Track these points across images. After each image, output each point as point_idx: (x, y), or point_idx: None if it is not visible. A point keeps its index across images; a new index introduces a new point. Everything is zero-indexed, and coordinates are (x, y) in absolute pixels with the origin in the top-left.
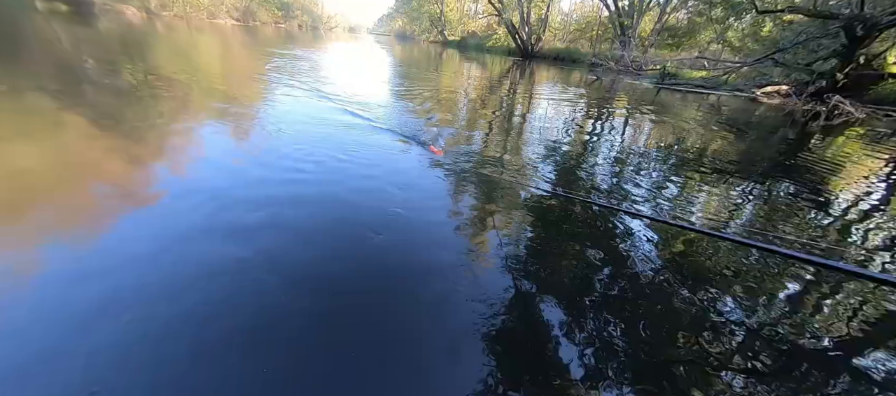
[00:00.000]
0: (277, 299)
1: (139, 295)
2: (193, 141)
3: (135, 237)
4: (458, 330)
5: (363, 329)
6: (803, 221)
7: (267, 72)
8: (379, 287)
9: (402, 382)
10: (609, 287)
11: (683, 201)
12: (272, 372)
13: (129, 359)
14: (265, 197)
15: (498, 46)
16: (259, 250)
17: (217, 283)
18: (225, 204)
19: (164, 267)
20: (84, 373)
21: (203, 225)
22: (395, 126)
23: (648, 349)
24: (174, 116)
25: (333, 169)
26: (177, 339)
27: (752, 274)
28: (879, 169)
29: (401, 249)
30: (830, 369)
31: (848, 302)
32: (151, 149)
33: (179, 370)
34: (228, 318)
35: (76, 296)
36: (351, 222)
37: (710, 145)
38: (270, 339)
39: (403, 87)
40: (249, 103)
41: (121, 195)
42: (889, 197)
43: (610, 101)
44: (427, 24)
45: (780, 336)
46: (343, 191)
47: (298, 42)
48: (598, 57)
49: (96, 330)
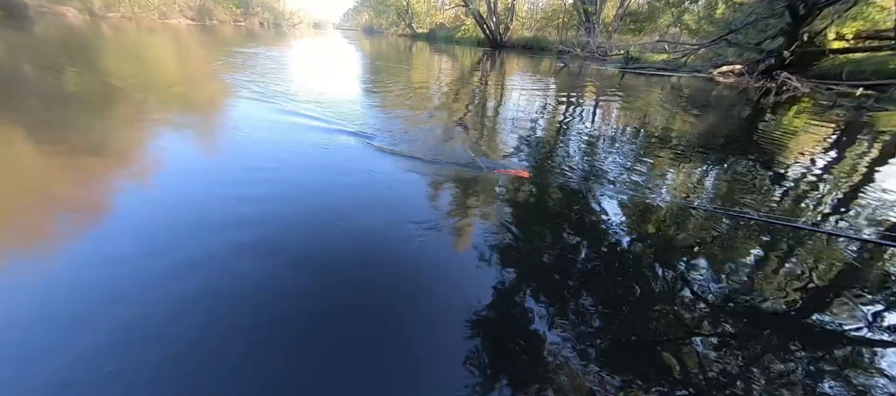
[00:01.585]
0: (259, 309)
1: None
2: (144, 155)
3: (93, 260)
4: (446, 320)
5: (353, 326)
6: (762, 188)
7: (228, 74)
8: (365, 285)
9: (393, 375)
10: (588, 267)
11: (653, 178)
12: (261, 374)
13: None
14: (234, 212)
15: (467, 37)
16: (230, 270)
17: (184, 309)
18: (190, 220)
19: (132, 295)
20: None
21: (161, 247)
22: (375, 130)
23: (628, 324)
24: (124, 128)
25: (303, 175)
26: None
27: (718, 243)
28: (824, 138)
29: (385, 250)
30: (794, 324)
31: (805, 258)
32: (99, 164)
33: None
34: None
35: (10, 337)
36: (328, 228)
37: (675, 125)
38: (258, 342)
39: (374, 84)
40: (209, 110)
41: (72, 215)
42: (834, 162)
43: (579, 88)
44: (394, 17)
45: (747, 298)
46: (316, 198)
47: (261, 40)
48: (565, 44)
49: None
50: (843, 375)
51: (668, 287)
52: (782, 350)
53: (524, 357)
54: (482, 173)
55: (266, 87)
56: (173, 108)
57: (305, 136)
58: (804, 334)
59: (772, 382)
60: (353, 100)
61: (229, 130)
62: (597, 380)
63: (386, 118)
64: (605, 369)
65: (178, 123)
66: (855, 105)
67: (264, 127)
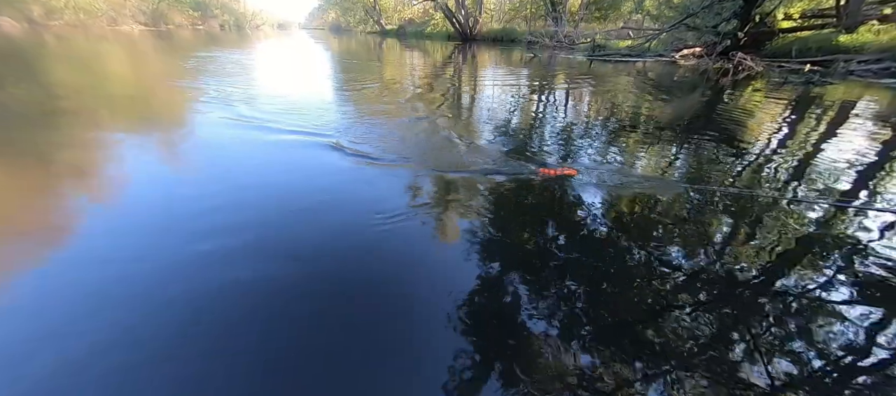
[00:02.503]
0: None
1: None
2: (99, 173)
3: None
4: (434, 317)
5: (342, 330)
6: (726, 163)
7: (188, 81)
8: (350, 289)
9: (383, 372)
10: (568, 251)
11: (625, 161)
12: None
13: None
14: (203, 226)
15: (437, 32)
16: (204, 284)
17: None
18: (157, 242)
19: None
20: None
21: (125, 270)
22: (348, 133)
23: (608, 303)
24: (75, 145)
25: (280, 185)
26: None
27: (688, 218)
28: (779, 113)
29: (369, 253)
30: (760, 288)
31: (768, 225)
32: (49, 184)
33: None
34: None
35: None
36: (308, 236)
37: (643, 108)
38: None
39: (346, 84)
40: (168, 122)
41: (17, 241)
42: (790, 135)
43: (550, 77)
44: (362, 15)
45: (717, 268)
46: (293, 207)
47: (222, 44)
48: (534, 35)
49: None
50: (807, 330)
51: (645, 264)
52: (750, 314)
53: (511, 342)
54: (451, 174)
55: (230, 93)
56: (129, 122)
57: (274, 144)
58: (770, 296)
59: (743, 344)
60: (324, 101)
61: (192, 143)
62: (581, 358)
63: (360, 120)
64: (589, 347)
65: (135, 138)
66: (803, 80)
67: (230, 137)
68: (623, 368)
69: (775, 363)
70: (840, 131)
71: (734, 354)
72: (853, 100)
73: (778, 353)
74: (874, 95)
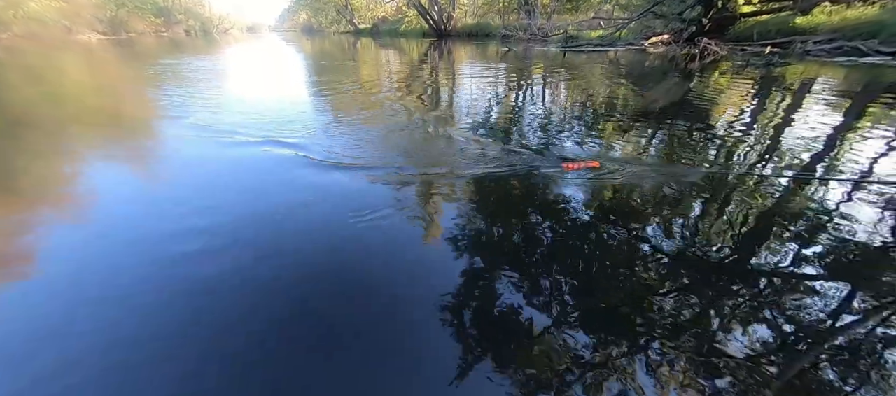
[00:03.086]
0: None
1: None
2: (63, 193)
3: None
4: (426, 313)
5: (337, 332)
6: (698, 145)
7: (153, 90)
8: (341, 292)
9: (381, 371)
10: (553, 243)
11: (603, 148)
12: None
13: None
14: (179, 245)
15: (411, 30)
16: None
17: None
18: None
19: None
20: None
21: (96, 294)
22: (326, 140)
23: (595, 289)
24: (36, 163)
25: (251, 197)
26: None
27: (666, 200)
28: (744, 94)
29: (357, 255)
30: (736, 263)
31: (741, 202)
32: (10, 206)
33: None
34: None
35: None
36: (294, 240)
37: (617, 96)
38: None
39: (322, 87)
40: (134, 136)
41: None
42: (756, 114)
43: (527, 70)
44: (334, 15)
45: (695, 247)
46: (269, 223)
47: (188, 50)
48: (508, 28)
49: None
50: (779, 300)
51: (628, 249)
52: (728, 288)
53: (503, 333)
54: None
55: (199, 101)
56: (89, 135)
57: (249, 152)
58: (745, 270)
59: (721, 317)
60: (301, 106)
61: (160, 156)
62: (572, 343)
63: (339, 123)
64: (579, 333)
65: (97, 152)
66: (764, 62)
67: (201, 148)
68: (612, 349)
69: (751, 333)
70: (802, 108)
71: (714, 327)
72: (812, 79)
73: (754, 323)
74: (829, 73)
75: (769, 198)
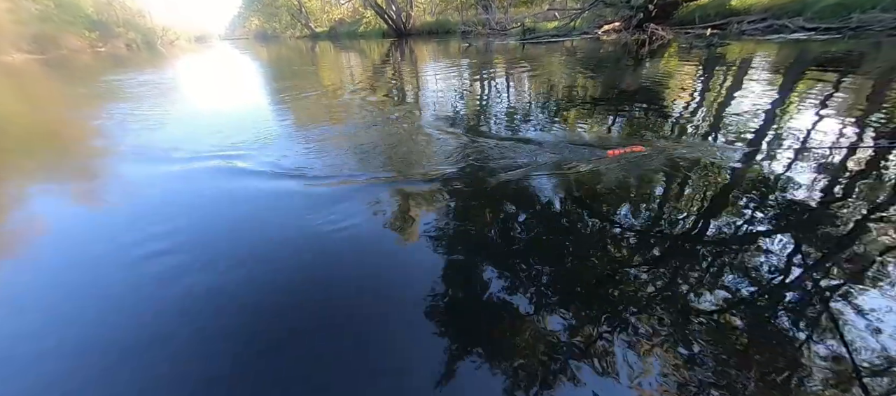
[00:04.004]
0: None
1: None
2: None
3: None
4: (403, 319)
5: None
6: (655, 124)
7: (92, 112)
8: (313, 303)
9: (362, 374)
10: (528, 232)
11: (568, 136)
12: None
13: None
14: (139, 275)
15: (371, 31)
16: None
17: None
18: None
19: None
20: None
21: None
22: (288, 152)
23: (571, 273)
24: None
25: (215, 216)
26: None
27: (631, 181)
28: (692, 74)
29: (324, 269)
30: (698, 234)
31: (699, 176)
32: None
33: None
34: None
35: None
36: (266, 259)
37: (577, 84)
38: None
39: (282, 95)
40: (77, 165)
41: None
42: (704, 92)
43: (488, 64)
44: (288, 19)
45: (661, 223)
46: (233, 239)
47: (130, 65)
48: (468, 24)
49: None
50: (739, 261)
51: (598, 229)
52: (692, 256)
53: (487, 327)
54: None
55: (146, 120)
56: (21, 167)
57: (203, 171)
58: (706, 238)
59: (689, 284)
60: (260, 117)
61: (105, 181)
62: (552, 326)
63: (302, 133)
64: (559, 315)
65: (32, 185)
66: (706, 44)
67: (153, 169)
68: (590, 327)
69: (716, 293)
70: (744, 85)
71: (683, 292)
72: (749, 56)
73: (718, 285)
74: (764, 50)
75: (722, 168)
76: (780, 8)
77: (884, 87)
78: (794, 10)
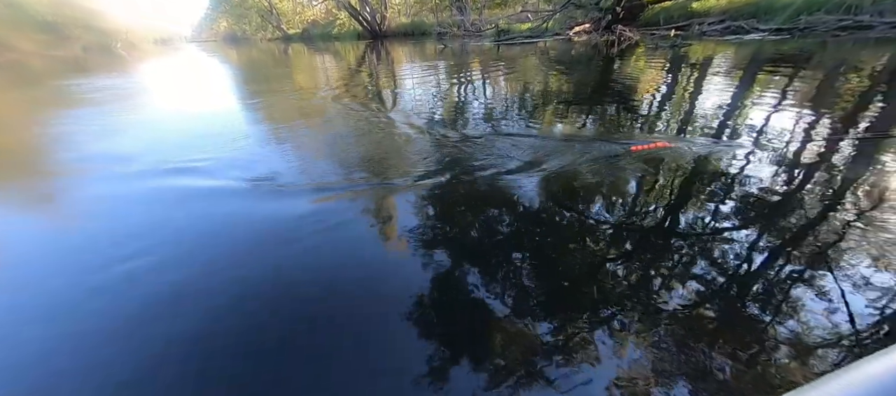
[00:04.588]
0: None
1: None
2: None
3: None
4: (387, 325)
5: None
6: (626, 121)
7: (43, 120)
8: (301, 316)
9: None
10: (509, 237)
11: (543, 135)
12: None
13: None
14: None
15: (345, 32)
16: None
17: None
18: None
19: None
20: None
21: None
22: (263, 159)
23: (550, 270)
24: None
25: (185, 231)
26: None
27: (604, 177)
28: (659, 73)
29: (305, 278)
30: (668, 227)
31: (666, 170)
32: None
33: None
34: None
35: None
36: (248, 272)
37: (551, 85)
38: None
39: (255, 100)
40: (30, 176)
41: None
42: (671, 90)
43: (465, 66)
44: (258, 21)
45: (634, 217)
46: (206, 254)
47: (86, 70)
48: (443, 26)
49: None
50: (706, 252)
51: (575, 228)
52: (662, 249)
53: (468, 327)
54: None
55: (105, 129)
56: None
57: (171, 184)
58: (675, 231)
59: (661, 277)
60: (232, 125)
61: (65, 198)
62: (533, 324)
63: (278, 139)
64: (539, 313)
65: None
66: (670, 44)
67: (116, 184)
68: (569, 323)
69: (687, 285)
70: (707, 83)
71: (656, 286)
72: (711, 56)
73: (687, 278)
74: (724, 50)
75: (688, 163)
76: (736, 10)
77: (832, 82)
78: (749, 12)
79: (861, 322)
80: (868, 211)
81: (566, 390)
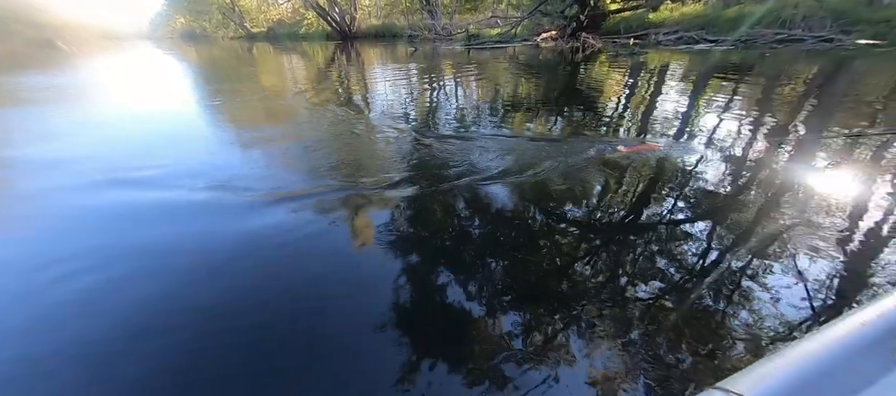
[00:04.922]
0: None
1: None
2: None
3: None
4: (363, 334)
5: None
6: (592, 123)
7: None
8: (269, 324)
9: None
10: (484, 240)
11: (514, 137)
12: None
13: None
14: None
15: (313, 32)
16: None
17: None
18: None
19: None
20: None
21: None
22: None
23: (523, 270)
24: None
25: (147, 245)
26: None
27: (573, 177)
28: (621, 78)
29: (276, 288)
30: (630, 222)
31: (630, 170)
32: None
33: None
34: None
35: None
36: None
37: (520, 88)
38: None
39: (217, 101)
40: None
41: None
42: (631, 94)
43: (435, 69)
44: (220, 18)
45: (600, 213)
46: (174, 270)
47: (27, 66)
48: (414, 29)
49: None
50: (666, 248)
51: (545, 226)
52: (627, 246)
53: (444, 331)
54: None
55: (45, 132)
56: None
57: (128, 191)
58: (637, 229)
59: (627, 273)
60: (194, 129)
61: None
62: (506, 324)
63: (243, 144)
64: (513, 313)
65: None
66: (629, 52)
67: (60, 198)
68: (541, 320)
69: (650, 281)
70: (664, 89)
71: (621, 281)
72: (667, 64)
73: (649, 273)
74: (678, 59)
75: (648, 161)
76: (688, 22)
77: (773, 88)
78: (698, 24)
79: (795, 307)
80: (806, 205)
81: (536, 384)
